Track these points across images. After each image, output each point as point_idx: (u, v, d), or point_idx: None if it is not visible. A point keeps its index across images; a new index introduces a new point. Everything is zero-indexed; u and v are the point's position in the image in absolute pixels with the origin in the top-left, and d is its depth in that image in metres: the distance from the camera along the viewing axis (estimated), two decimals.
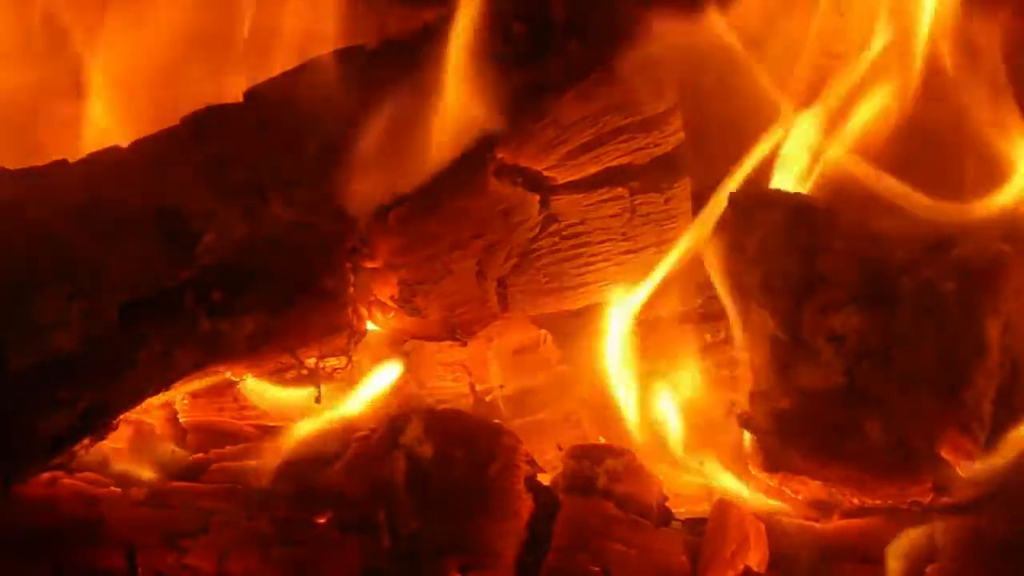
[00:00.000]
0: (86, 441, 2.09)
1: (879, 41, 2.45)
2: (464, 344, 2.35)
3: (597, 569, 2.06)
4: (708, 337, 2.44)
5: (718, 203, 2.34)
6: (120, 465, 2.24)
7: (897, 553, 2.12)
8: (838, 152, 2.41)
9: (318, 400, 2.29)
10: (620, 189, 2.38)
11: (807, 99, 2.46)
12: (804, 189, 2.44)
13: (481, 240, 2.32)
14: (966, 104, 2.42)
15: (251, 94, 2.32)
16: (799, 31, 2.52)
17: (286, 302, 2.19)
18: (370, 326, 2.32)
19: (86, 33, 2.62)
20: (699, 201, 2.44)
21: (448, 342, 2.35)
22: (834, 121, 2.44)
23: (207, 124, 2.26)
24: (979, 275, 2.18)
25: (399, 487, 2.13)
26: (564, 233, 2.38)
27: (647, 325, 2.41)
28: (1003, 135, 2.40)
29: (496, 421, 2.29)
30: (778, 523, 2.20)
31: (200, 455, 2.29)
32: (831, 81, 2.45)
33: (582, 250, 2.39)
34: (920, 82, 2.43)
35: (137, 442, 2.28)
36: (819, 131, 2.43)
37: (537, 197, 2.35)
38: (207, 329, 2.13)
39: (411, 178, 2.28)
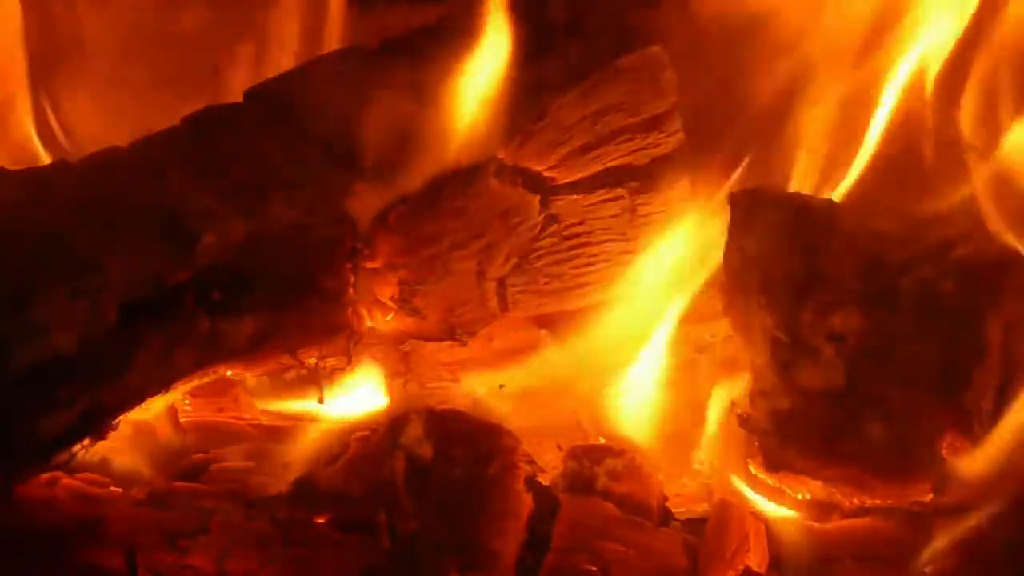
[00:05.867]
0: (86, 441, 2.09)
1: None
2: (464, 344, 2.35)
3: (596, 569, 2.06)
4: (708, 337, 2.45)
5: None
6: (120, 465, 2.24)
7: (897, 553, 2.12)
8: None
9: (320, 401, 2.29)
10: (620, 189, 2.38)
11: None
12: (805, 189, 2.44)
13: (481, 240, 2.32)
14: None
15: (251, 94, 2.33)
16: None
17: (286, 302, 2.19)
18: (370, 326, 2.32)
19: None
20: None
21: (448, 342, 2.35)
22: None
23: (207, 124, 2.26)
24: (979, 275, 2.18)
25: (399, 487, 2.13)
26: (564, 233, 2.38)
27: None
28: None
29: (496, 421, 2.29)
30: (778, 523, 2.20)
31: (200, 455, 2.29)
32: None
33: (582, 250, 2.39)
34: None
35: (137, 442, 2.28)
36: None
37: (537, 197, 2.35)
38: (207, 329, 2.13)
39: (411, 178, 2.28)
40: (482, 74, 2.30)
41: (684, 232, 2.40)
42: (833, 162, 2.45)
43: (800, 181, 2.46)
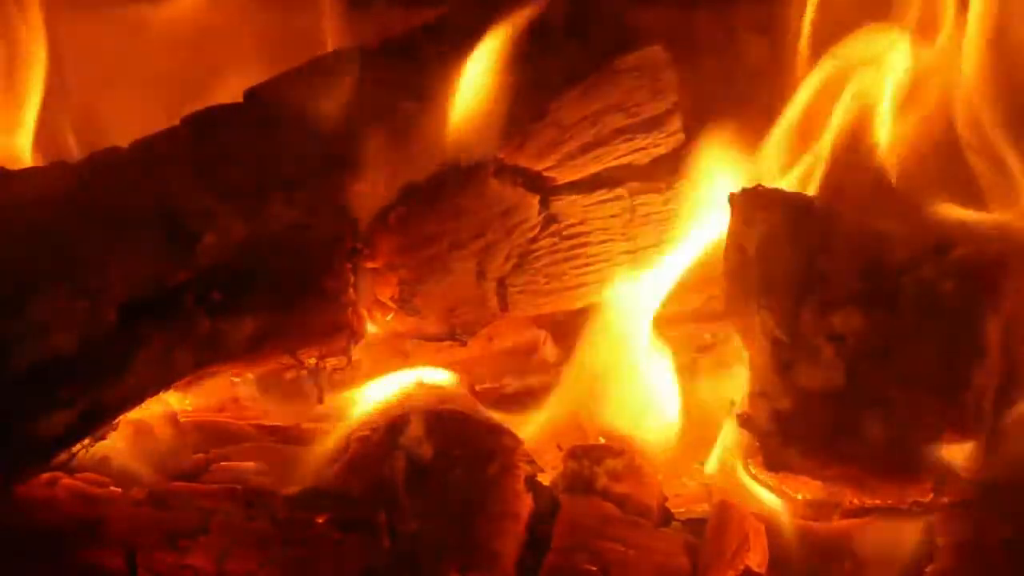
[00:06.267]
0: (86, 441, 2.09)
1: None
2: (464, 344, 2.35)
3: (596, 569, 2.06)
4: (708, 337, 2.45)
5: None
6: (120, 465, 2.24)
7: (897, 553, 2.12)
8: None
9: (320, 401, 2.29)
10: (620, 189, 2.39)
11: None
12: (805, 189, 2.44)
13: (481, 240, 2.32)
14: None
15: (251, 94, 2.32)
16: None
17: (286, 302, 2.19)
18: (370, 327, 2.32)
19: None
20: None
21: (448, 342, 2.35)
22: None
23: (207, 124, 2.26)
24: (979, 275, 2.18)
25: (399, 487, 2.13)
26: (564, 233, 2.38)
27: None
28: None
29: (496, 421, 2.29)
30: (778, 523, 2.20)
31: (200, 455, 2.29)
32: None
33: (582, 250, 2.39)
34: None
35: (137, 442, 2.28)
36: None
37: (537, 197, 2.35)
38: (207, 329, 2.13)
39: (411, 178, 2.28)
40: (482, 74, 2.30)
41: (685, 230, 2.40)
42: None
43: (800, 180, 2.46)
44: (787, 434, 2.18)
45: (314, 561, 2.07)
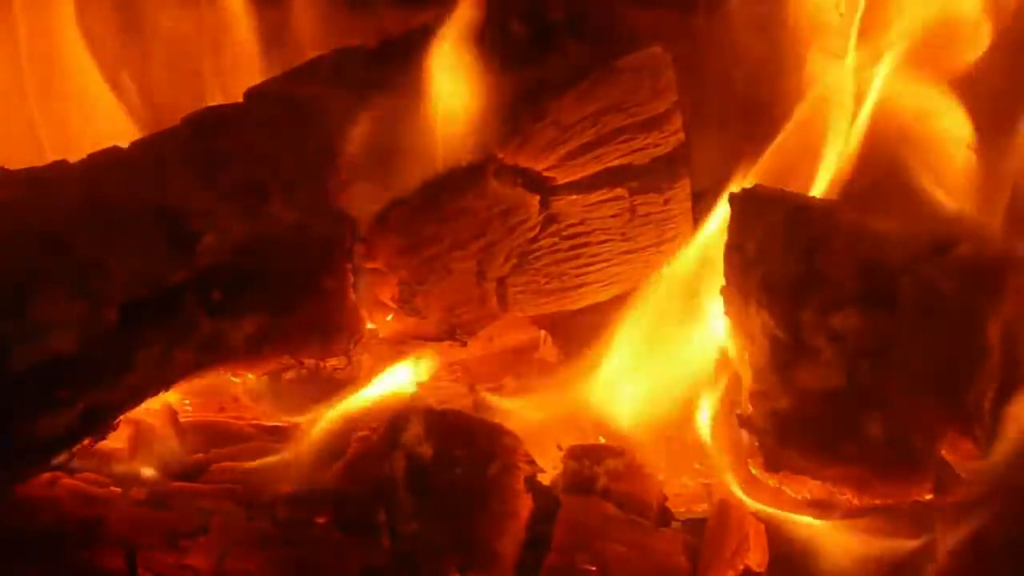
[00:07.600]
0: (86, 441, 2.09)
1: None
2: (464, 344, 2.35)
3: (596, 569, 2.06)
4: (708, 337, 2.44)
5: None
6: (120, 465, 2.24)
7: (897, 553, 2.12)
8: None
9: (321, 401, 2.30)
10: (620, 189, 2.39)
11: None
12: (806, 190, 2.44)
13: (481, 240, 2.32)
14: None
15: (251, 94, 2.33)
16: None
17: (286, 302, 2.19)
18: (370, 326, 2.32)
19: None
20: (699, 201, 2.44)
21: (448, 342, 2.35)
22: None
23: (207, 124, 2.26)
24: (979, 275, 2.18)
25: (399, 487, 2.13)
26: (564, 233, 2.38)
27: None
28: None
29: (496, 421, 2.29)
30: (778, 523, 2.20)
31: (200, 455, 2.30)
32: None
33: (582, 250, 2.39)
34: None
35: (137, 442, 2.28)
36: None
37: (537, 197, 2.35)
38: (207, 329, 2.13)
39: (411, 179, 2.28)
40: (482, 74, 2.30)
41: (685, 231, 2.40)
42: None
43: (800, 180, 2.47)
44: (787, 434, 2.18)
45: (314, 561, 2.07)
